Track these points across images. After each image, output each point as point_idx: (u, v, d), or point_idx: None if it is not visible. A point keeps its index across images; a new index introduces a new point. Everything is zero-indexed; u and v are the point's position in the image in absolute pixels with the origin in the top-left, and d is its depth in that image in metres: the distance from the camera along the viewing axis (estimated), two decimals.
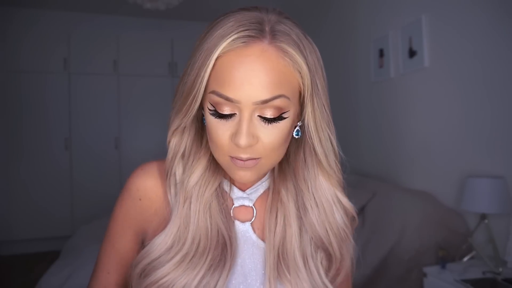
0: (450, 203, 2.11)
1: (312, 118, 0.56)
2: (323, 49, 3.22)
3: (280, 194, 0.62)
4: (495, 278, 1.60)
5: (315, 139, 0.57)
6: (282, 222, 0.60)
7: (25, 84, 3.82)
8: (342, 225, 0.61)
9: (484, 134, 1.92)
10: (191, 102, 0.54)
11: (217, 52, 0.50)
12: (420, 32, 2.31)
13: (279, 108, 0.52)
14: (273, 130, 0.53)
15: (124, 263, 0.62)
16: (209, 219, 0.58)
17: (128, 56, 4.13)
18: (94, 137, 4.02)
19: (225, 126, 0.52)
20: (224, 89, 0.50)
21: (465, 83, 2.03)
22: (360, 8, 3.02)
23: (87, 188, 3.89)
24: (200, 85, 0.52)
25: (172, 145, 0.60)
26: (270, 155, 0.54)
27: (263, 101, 0.50)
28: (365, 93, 2.99)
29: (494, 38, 1.86)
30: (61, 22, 3.98)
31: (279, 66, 0.51)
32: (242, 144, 0.50)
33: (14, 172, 3.75)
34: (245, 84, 0.50)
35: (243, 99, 0.50)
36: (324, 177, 0.61)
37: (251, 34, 0.50)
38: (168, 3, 2.95)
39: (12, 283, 2.99)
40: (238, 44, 0.50)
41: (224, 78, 0.50)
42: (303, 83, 0.54)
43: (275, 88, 0.51)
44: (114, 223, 0.63)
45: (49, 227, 3.80)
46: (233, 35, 0.50)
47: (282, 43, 0.51)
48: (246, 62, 0.50)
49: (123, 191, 0.64)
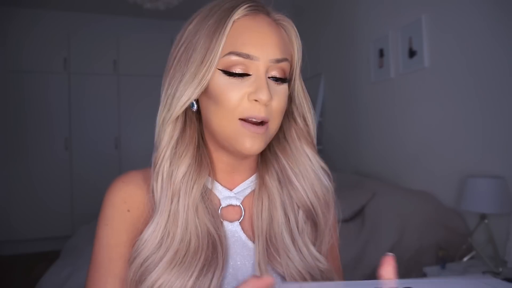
0: (450, 203, 2.11)
1: (300, 88, 0.63)
2: (323, 49, 3.20)
3: (265, 180, 0.63)
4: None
5: (305, 107, 0.63)
6: (268, 206, 0.61)
7: (26, 84, 3.82)
8: (325, 189, 0.64)
9: (484, 134, 1.92)
10: (207, 68, 0.55)
11: (233, 17, 0.55)
12: (420, 32, 2.31)
13: (284, 72, 0.58)
14: (280, 92, 0.57)
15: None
16: (197, 220, 0.57)
17: (128, 56, 4.13)
18: (94, 137, 4.02)
19: (239, 86, 0.55)
20: (244, 48, 0.54)
21: (465, 83, 2.03)
22: (360, 8, 3.02)
23: (87, 188, 3.89)
24: (218, 48, 0.54)
25: (168, 132, 0.58)
26: (276, 119, 0.58)
27: (277, 60, 0.56)
28: (365, 93, 2.99)
29: (494, 38, 1.86)
30: (61, 22, 3.99)
31: (282, 34, 0.59)
32: (265, 98, 0.54)
33: (14, 172, 3.75)
34: (263, 43, 0.55)
35: (262, 55, 0.55)
36: (308, 145, 0.64)
37: (257, 6, 0.58)
38: (168, 3, 2.95)
39: (12, 283, 2.99)
40: (251, 10, 0.57)
41: (243, 38, 0.55)
42: (295, 56, 0.61)
43: (283, 51, 0.57)
44: (104, 250, 0.58)
45: (49, 227, 3.81)
46: (245, 4, 0.56)
47: (282, 19, 0.60)
48: (262, 25, 0.56)
49: (106, 209, 0.60)
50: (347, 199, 2.27)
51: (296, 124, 0.64)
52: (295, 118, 0.64)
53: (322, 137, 3.62)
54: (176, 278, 0.53)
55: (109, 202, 0.60)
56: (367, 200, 2.26)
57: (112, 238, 0.58)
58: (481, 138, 1.94)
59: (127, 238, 0.59)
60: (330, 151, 3.50)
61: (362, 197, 2.28)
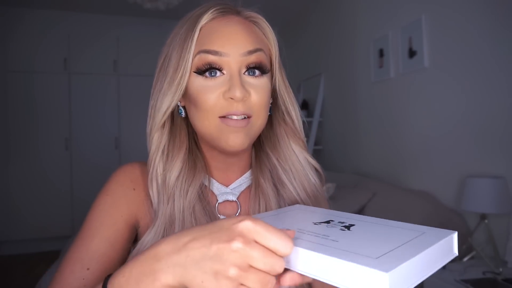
0: (450, 203, 2.11)
1: (282, 83, 0.63)
2: (323, 49, 3.19)
3: (259, 181, 0.64)
4: (495, 278, 1.60)
5: (288, 102, 0.64)
6: (264, 208, 0.62)
7: (25, 84, 3.82)
8: (313, 186, 0.65)
9: (484, 134, 1.92)
10: (181, 74, 0.56)
11: (201, 22, 0.56)
12: (420, 32, 2.31)
13: (261, 63, 0.58)
14: (259, 86, 0.57)
15: (114, 255, 0.56)
16: (194, 221, 0.58)
17: (128, 56, 4.13)
18: (94, 137, 4.02)
19: (214, 86, 0.56)
20: (212, 46, 0.55)
21: (465, 83, 2.03)
22: (360, 8, 3.02)
23: (87, 188, 3.89)
24: (188, 54, 0.56)
25: (156, 138, 0.61)
26: (260, 114, 0.58)
27: (249, 51, 0.56)
28: (365, 93, 2.99)
29: (494, 38, 1.86)
30: (61, 22, 3.98)
31: (254, 30, 0.60)
32: (238, 94, 0.54)
33: (14, 172, 3.75)
34: (230, 39, 0.56)
35: (231, 51, 0.55)
36: (295, 142, 0.65)
37: (226, 8, 0.59)
38: (168, 3, 2.95)
39: (12, 283, 2.99)
40: (217, 14, 0.58)
41: (210, 38, 0.56)
42: (272, 49, 0.62)
43: (255, 43, 0.58)
44: (98, 214, 0.57)
45: (49, 227, 3.80)
46: (211, 9, 0.57)
47: (253, 16, 0.61)
48: (228, 25, 0.57)
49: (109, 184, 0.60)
50: (347, 199, 2.27)
51: (282, 119, 0.65)
52: (281, 113, 0.65)
53: (322, 137, 3.62)
54: None
55: (114, 179, 0.62)
56: (367, 200, 2.26)
57: (111, 207, 0.59)
58: (481, 138, 1.94)
59: (127, 211, 0.59)
60: (330, 151, 3.50)
61: (362, 197, 2.27)
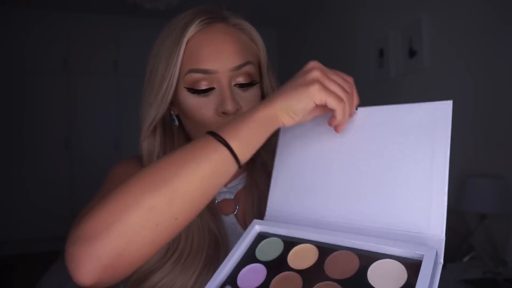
0: (450, 203, 2.10)
1: (269, 86, 0.64)
2: (323, 49, 3.18)
3: (253, 178, 0.66)
4: (495, 278, 1.60)
5: None
6: (258, 202, 0.64)
7: (25, 84, 3.82)
8: None
9: (484, 134, 1.92)
10: (166, 87, 0.56)
11: (187, 35, 0.56)
12: (420, 32, 2.31)
13: (250, 75, 0.58)
14: (250, 97, 0.58)
15: None
16: (199, 219, 0.58)
17: (128, 56, 4.13)
18: (94, 137, 4.02)
19: (207, 102, 0.57)
20: (201, 64, 0.55)
21: (465, 83, 2.03)
22: (360, 8, 3.02)
23: (87, 188, 3.88)
24: (175, 68, 0.56)
25: (146, 146, 0.61)
26: None
27: (237, 66, 0.57)
28: (365, 93, 2.97)
29: (494, 38, 1.86)
30: (61, 22, 3.98)
31: (241, 38, 0.59)
32: (230, 108, 0.55)
33: (14, 172, 3.75)
34: (218, 55, 0.56)
35: (220, 67, 0.56)
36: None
37: (211, 16, 0.58)
38: (168, 3, 2.95)
39: (12, 283, 2.99)
40: (203, 25, 0.57)
41: (198, 55, 0.56)
42: (260, 55, 0.63)
43: (244, 56, 0.58)
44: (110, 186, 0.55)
45: (49, 227, 3.80)
46: (197, 19, 0.56)
47: (239, 23, 0.61)
48: (215, 38, 0.57)
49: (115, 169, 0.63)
50: None
51: None
52: None
53: None
54: (178, 277, 0.54)
55: (119, 167, 0.62)
56: None
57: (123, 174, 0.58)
58: (481, 138, 1.94)
59: None
60: None
61: None
